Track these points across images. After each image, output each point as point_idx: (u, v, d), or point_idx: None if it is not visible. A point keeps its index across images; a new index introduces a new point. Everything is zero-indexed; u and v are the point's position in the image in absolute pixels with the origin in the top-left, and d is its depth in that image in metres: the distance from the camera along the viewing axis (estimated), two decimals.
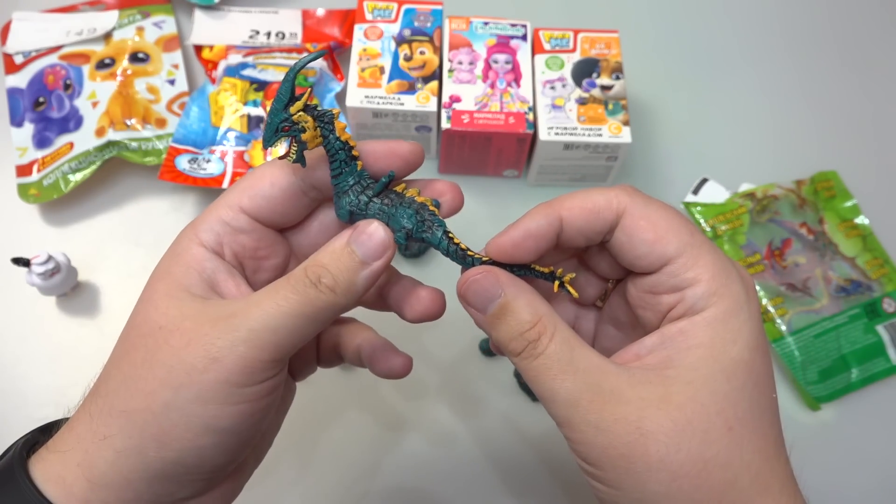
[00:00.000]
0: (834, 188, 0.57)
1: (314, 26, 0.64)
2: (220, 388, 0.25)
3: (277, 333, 0.26)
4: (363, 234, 0.27)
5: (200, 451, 0.26)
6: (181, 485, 0.27)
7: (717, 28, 0.68)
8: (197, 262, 0.28)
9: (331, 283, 0.26)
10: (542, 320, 0.26)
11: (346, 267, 0.27)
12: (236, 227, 0.28)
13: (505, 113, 0.53)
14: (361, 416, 0.48)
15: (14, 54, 0.59)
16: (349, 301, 0.27)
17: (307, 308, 0.26)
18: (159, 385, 0.25)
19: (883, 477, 0.48)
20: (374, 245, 0.27)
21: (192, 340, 0.25)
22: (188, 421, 0.25)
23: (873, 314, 0.52)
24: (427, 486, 0.46)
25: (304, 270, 0.27)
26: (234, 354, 0.25)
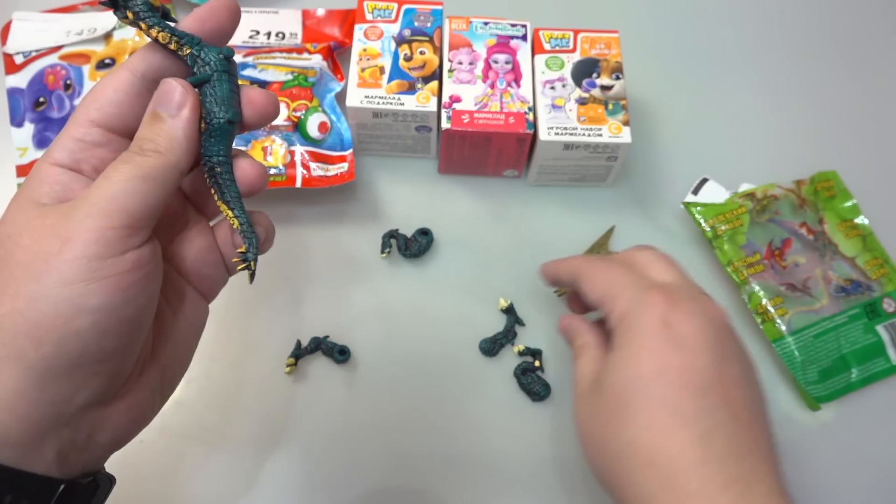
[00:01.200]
0: (834, 188, 0.57)
1: (314, 26, 0.64)
2: (79, 264, 0.25)
3: (119, 201, 0.26)
4: (162, 95, 0.29)
5: (79, 335, 0.25)
6: (74, 382, 0.26)
7: (717, 28, 0.68)
8: (48, 178, 0.28)
9: (153, 147, 0.28)
10: (585, 344, 0.40)
11: (158, 128, 0.28)
12: (90, 141, 0.29)
13: (505, 113, 0.53)
14: (360, 416, 0.48)
15: (14, 54, 0.59)
16: (177, 156, 0.28)
17: (139, 171, 0.27)
18: (19, 283, 0.25)
19: (883, 477, 0.48)
20: (174, 99, 0.28)
21: (41, 233, 0.26)
22: (57, 307, 0.25)
23: (873, 314, 0.52)
24: (426, 486, 0.46)
25: (129, 150, 0.28)
26: (84, 228, 0.25)
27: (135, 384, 0.29)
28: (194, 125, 0.29)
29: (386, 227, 0.55)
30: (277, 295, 0.52)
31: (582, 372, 0.38)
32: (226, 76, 0.30)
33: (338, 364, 0.50)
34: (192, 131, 0.29)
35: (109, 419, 0.28)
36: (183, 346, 0.32)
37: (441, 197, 0.57)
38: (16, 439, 0.25)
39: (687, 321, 0.35)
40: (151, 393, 0.30)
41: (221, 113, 0.30)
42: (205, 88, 0.30)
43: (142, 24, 0.29)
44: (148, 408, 0.30)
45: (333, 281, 0.53)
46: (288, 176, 0.53)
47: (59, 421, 0.26)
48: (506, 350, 0.51)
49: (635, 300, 0.36)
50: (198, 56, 0.29)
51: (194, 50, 0.29)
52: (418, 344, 0.51)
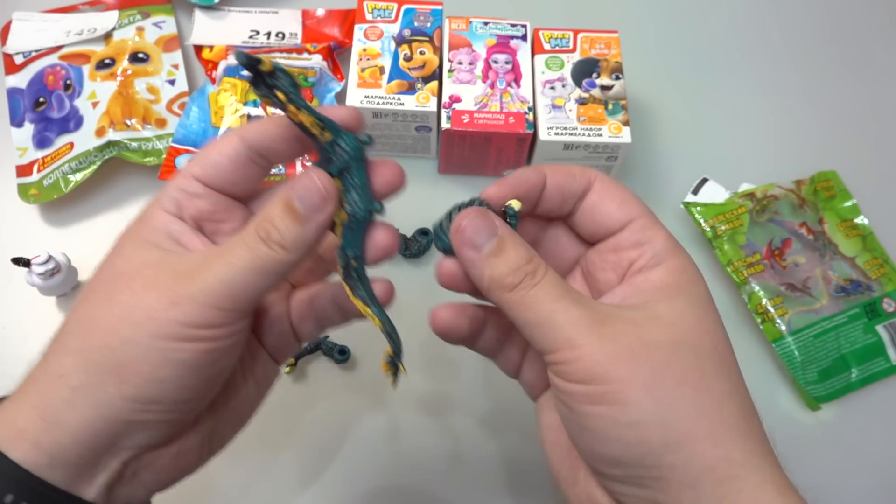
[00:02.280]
0: (834, 188, 0.57)
1: (314, 26, 0.64)
2: (178, 327, 0.26)
3: (232, 288, 0.26)
4: (303, 189, 0.28)
5: (160, 384, 0.26)
6: (141, 425, 0.27)
7: (717, 28, 0.68)
8: (163, 224, 0.29)
9: (279, 240, 0.27)
10: (535, 258, 0.28)
11: (291, 222, 0.27)
12: (191, 192, 0.30)
13: (505, 113, 0.53)
14: (360, 416, 0.48)
15: (14, 54, 0.59)
16: (299, 255, 0.28)
17: (259, 264, 0.27)
18: (118, 322, 0.26)
19: (883, 477, 0.48)
20: (314, 200, 0.27)
21: (151, 285, 0.27)
22: (147, 354, 0.26)
23: (873, 314, 0.52)
24: (427, 486, 0.46)
25: (255, 227, 0.28)
26: (192, 302, 0.26)
27: (187, 434, 0.29)
28: (327, 226, 0.28)
29: None
30: None
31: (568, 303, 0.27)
32: (362, 164, 0.29)
33: (338, 364, 0.49)
34: (321, 234, 0.28)
35: (156, 462, 0.28)
36: (244, 403, 0.32)
37: (441, 197, 0.57)
38: (71, 461, 0.26)
39: None
40: (200, 443, 0.30)
41: (364, 204, 0.28)
42: (345, 177, 0.28)
43: (290, 105, 0.27)
44: (194, 457, 0.30)
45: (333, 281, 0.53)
46: (288, 176, 0.53)
47: (112, 453, 0.27)
48: None
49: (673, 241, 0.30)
50: (336, 143, 0.28)
51: (334, 136, 0.28)
52: (418, 344, 0.51)
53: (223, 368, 0.29)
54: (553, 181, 0.30)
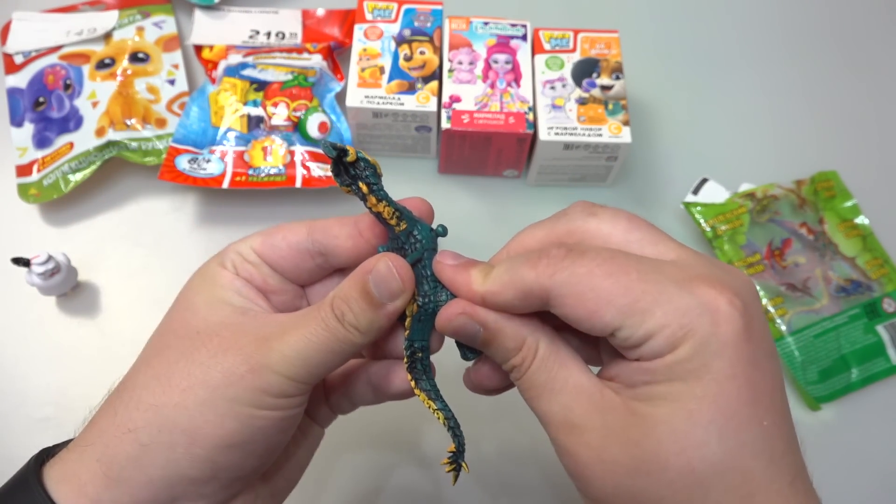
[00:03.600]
0: (834, 188, 0.57)
1: (314, 26, 0.64)
2: (255, 394, 0.26)
3: (307, 361, 0.27)
4: (380, 277, 0.27)
5: (231, 449, 0.26)
6: (201, 488, 0.27)
7: (717, 28, 0.68)
8: (228, 281, 0.30)
9: (354, 322, 0.27)
10: (526, 343, 0.27)
11: (367, 307, 0.27)
12: (246, 258, 0.30)
13: (505, 113, 0.53)
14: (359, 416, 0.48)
15: (14, 54, 0.59)
16: (371, 338, 0.28)
17: (334, 344, 0.27)
18: (196, 383, 0.26)
19: (883, 477, 0.48)
20: (391, 288, 0.27)
21: (230, 348, 0.27)
22: (223, 419, 0.26)
23: (873, 314, 0.52)
24: (427, 486, 0.46)
25: (331, 305, 0.27)
26: (270, 371, 0.26)
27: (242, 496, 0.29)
28: (399, 314, 0.28)
29: None
30: None
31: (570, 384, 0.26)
32: (433, 255, 0.29)
33: None
34: (393, 321, 0.29)
35: None
36: (296, 467, 0.33)
37: (441, 197, 0.57)
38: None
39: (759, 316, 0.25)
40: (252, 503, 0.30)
41: (437, 296, 0.29)
42: (417, 268, 0.29)
43: (371, 196, 0.28)
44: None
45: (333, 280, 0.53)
46: (288, 176, 0.53)
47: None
48: None
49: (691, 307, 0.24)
50: (411, 233, 0.28)
51: (409, 226, 0.28)
52: None
53: (286, 438, 0.29)
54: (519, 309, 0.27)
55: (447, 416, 0.29)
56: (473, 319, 0.27)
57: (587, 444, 0.25)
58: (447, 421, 0.29)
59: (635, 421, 0.24)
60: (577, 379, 0.26)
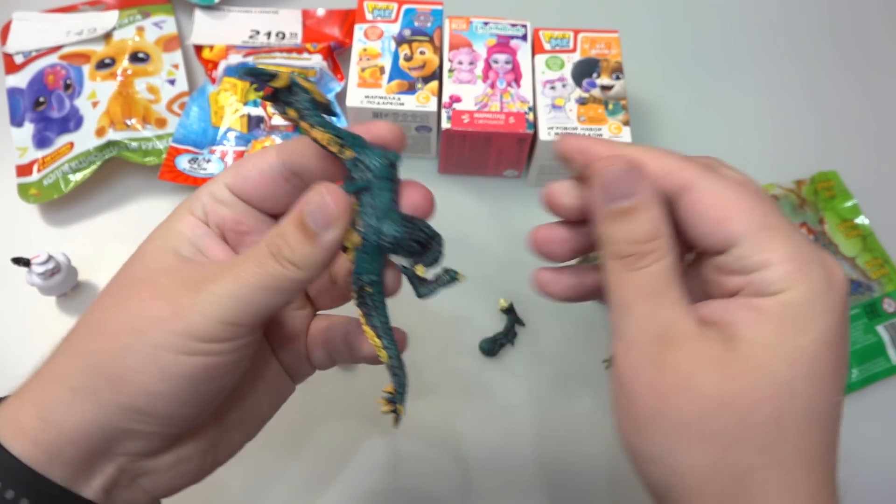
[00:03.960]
0: (834, 188, 0.57)
1: (314, 26, 0.64)
2: (179, 338, 0.26)
3: (238, 302, 0.26)
4: (314, 206, 0.27)
5: (154, 396, 0.26)
6: (133, 434, 0.26)
7: (717, 28, 0.68)
8: (187, 228, 0.29)
9: (290, 257, 0.27)
10: (659, 241, 0.25)
11: (302, 241, 0.27)
12: (219, 198, 0.30)
13: (505, 113, 0.53)
14: (360, 416, 0.48)
15: (14, 54, 0.59)
16: (311, 273, 0.27)
17: (269, 281, 0.26)
18: (121, 329, 0.26)
19: (883, 477, 0.48)
20: (325, 216, 0.27)
21: (160, 294, 0.26)
22: (144, 366, 0.26)
23: (873, 314, 0.52)
24: (426, 486, 0.46)
25: (267, 242, 0.27)
26: (196, 313, 0.26)
27: (187, 443, 0.29)
28: (338, 246, 0.28)
29: None
30: None
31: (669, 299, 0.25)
32: (388, 184, 0.28)
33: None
34: (334, 252, 0.28)
35: (156, 470, 0.28)
36: (253, 415, 0.32)
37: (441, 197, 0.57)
38: (67, 461, 0.26)
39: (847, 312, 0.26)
40: (203, 453, 0.30)
41: (383, 228, 0.27)
42: (364, 197, 0.27)
43: (303, 122, 0.27)
44: (196, 465, 0.30)
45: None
46: None
47: (107, 457, 0.27)
48: (506, 350, 0.51)
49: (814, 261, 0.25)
50: (359, 160, 0.27)
51: (357, 153, 0.27)
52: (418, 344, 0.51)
53: (224, 386, 0.28)
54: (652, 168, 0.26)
55: (391, 354, 0.29)
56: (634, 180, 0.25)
57: (679, 366, 0.24)
58: (390, 360, 0.29)
59: (734, 357, 0.24)
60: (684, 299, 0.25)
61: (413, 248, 0.28)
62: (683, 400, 0.24)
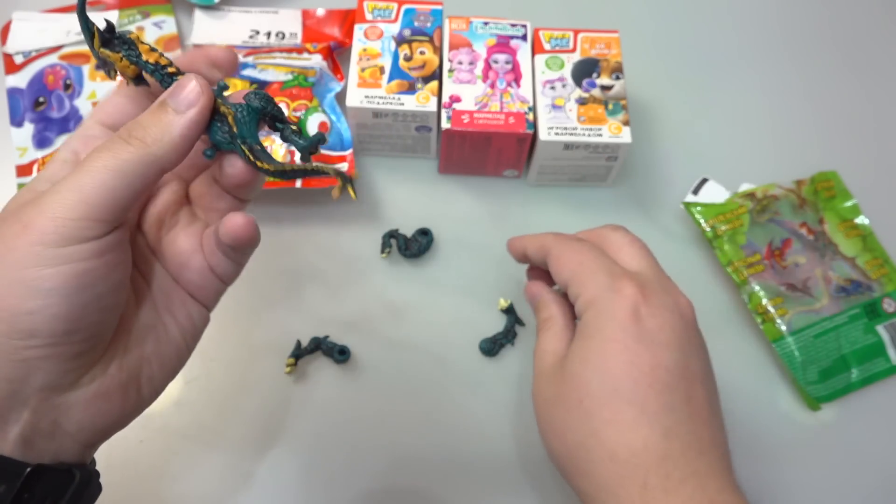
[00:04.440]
0: (834, 188, 0.57)
1: (314, 26, 0.64)
2: (34, 250, 0.25)
3: (84, 191, 0.26)
4: (176, 88, 0.28)
5: (30, 316, 0.25)
6: (28, 363, 0.25)
7: (717, 28, 0.68)
8: (52, 172, 0.29)
9: (141, 135, 0.27)
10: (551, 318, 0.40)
11: (157, 118, 0.27)
12: (91, 135, 0.30)
13: (505, 113, 0.53)
14: (359, 416, 0.48)
15: (14, 54, 0.59)
16: (165, 152, 0.27)
17: (116, 162, 0.26)
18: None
19: (883, 477, 0.48)
20: (186, 93, 0.28)
21: (8, 217, 0.26)
22: (10, 288, 0.25)
23: (873, 314, 0.52)
24: (426, 486, 0.46)
25: (118, 133, 0.27)
26: (43, 217, 0.25)
27: (100, 374, 0.28)
28: (198, 127, 0.28)
29: (386, 227, 0.55)
30: (277, 295, 0.52)
31: (544, 348, 0.38)
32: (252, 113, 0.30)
33: (338, 364, 0.49)
34: (192, 132, 0.28)
35: (74, 407, 0.27)
36: (168, 346, 0.31)
37: (441, 197, 0.57)
38: None
39: (657, 315, 0.35)
40: (123, 387, 0.29)
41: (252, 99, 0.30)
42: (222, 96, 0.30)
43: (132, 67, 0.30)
44: (118, 401, 0.29)
45: (333, 281, 0.53)
46: None
47: (17, 401, 0.26)
48: (506, 350, 0.51)
49: (605, 287, 0.36)
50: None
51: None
52: (418, 344, 0.51)
53: (101, 293, 0.27)
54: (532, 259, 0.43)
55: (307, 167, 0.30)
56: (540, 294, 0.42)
57: (539, 389, 0.38)
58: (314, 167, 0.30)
59: (560, 367, 0.37)
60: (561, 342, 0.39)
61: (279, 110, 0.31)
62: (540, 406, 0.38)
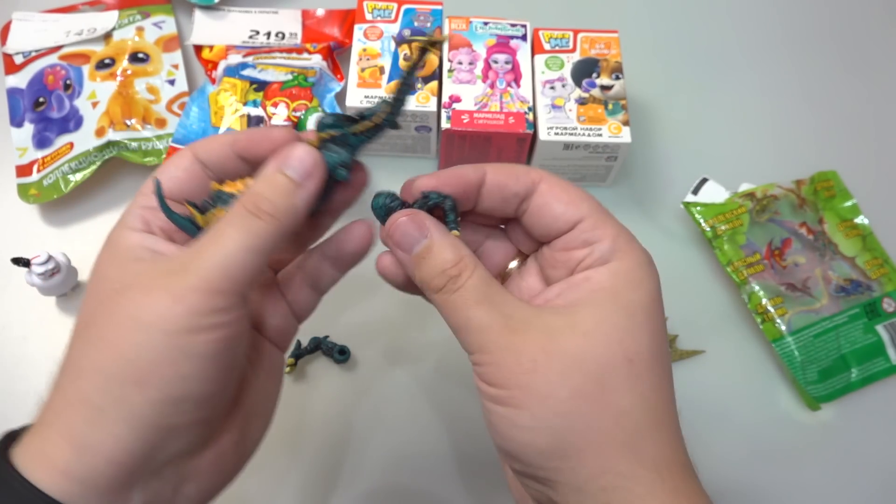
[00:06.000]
0: (834, 188, 0.57)
1: (314, 26, 0.64)
2: (188, 319, 0.26)
3: (229, 269, 0.26)
4: (290, 157, 0.28)
5: (184, 380, 0.26)
6: (174, 430, 0.26)
7: (717, 28, 0.68)
8: (136, 241, 0.29)
9: (271, 209, 0.27)
10: (463, 260, 0.29)
11: (283, 191, 0.28)
12: (154, 207, 0.30)
13: (505, 113, 0.53)
14: (359, 416, 0.48)
15: (14, 54, 0.59)
16: (292, 224, 0.28)
17: (253, 240, 0.27)
18: (127, 332, 0.26)
19: (883, 477, 0.48)
20: (305, 165, 0.28)
21: (150, 289, 0.26)
22: (164, 353, 0.25)
23: (873, 314, 0.52)
24: (426, 486, 0.46)
25: (243, 204, 0.28)
26: (195, 293, 0.26)
27: (220, 434, 0.29)
28: (317, 194, 0.29)
29: None
30: None
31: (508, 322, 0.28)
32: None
33: (337, 364, 0.50)
34: (313, 200, 0.29)
35: (196, 470, 0.28)
36: (263, 397, 0.32)
37: None
38: (105, 486, 0.25)
39: None
40: (235, 444, 0.30)
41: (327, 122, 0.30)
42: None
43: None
44: (231, 460, 0.30)
45: None
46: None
47: (150, 469, 0.26)
48: None
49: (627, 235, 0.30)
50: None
51: None
52: (418, 344, 0.51)
53: (239, 355, 0.28)
54: (493, 179, 0.30)
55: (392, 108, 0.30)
56: (419, 226, 0.29)
57: (534, 343, 0.27)
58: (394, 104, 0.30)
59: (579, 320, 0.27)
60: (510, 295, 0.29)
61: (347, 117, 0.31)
62: (545, 364, 0.26)
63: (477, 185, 0.30)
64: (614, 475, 0.26)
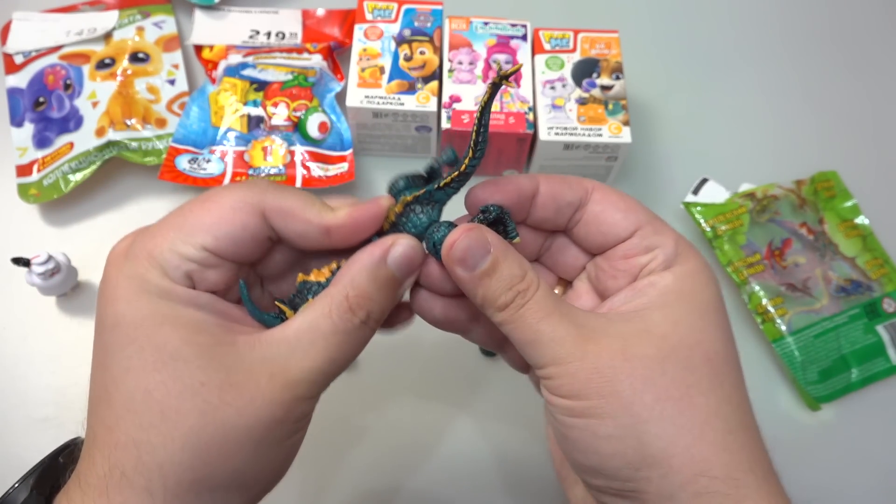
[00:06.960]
0: (834, 188, 0.57)
1: (314, 26, 0.64)
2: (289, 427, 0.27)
3: (329, 374, 0.27)
4: (404, 257, 0.28)
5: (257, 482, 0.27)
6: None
7: (717, 28, 0.68)
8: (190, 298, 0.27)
9: (378, 317, 0.27)
10: (528, 273, 0.28)
11: (389, 294, 0.28)
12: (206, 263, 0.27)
13: (505, 113, 0.53)
14: (359, 415, 0.48)
15: (14, 54, 0.59)
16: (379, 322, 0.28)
17: (354, 347, 0.27)
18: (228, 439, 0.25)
19: (883, 477, 0.48)
20: (411, 267, 0.28)
21: (255, 398, 0.26)
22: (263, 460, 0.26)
23: (873, 314, 0.52)
24: (426, 486, 0.46)
25: (348, 304, 0.27)
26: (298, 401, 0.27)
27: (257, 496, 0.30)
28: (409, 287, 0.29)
29: None
30: None
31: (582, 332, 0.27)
32: None
33: None
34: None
35: None
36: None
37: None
38: None
39: None
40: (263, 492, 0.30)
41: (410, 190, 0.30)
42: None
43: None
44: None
45: None
46: (288, 176, 0.53)
47: None
48: None
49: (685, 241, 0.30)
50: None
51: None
52: (418, 344, 0.51)
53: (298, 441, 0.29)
54: (547, 189, 0.30)
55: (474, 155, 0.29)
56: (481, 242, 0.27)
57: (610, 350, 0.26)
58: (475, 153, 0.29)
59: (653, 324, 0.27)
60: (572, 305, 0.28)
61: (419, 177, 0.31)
62: (628, 370, 0.26)
63: (531, 194, 0.30)
64: (709, 479, 0.25)
